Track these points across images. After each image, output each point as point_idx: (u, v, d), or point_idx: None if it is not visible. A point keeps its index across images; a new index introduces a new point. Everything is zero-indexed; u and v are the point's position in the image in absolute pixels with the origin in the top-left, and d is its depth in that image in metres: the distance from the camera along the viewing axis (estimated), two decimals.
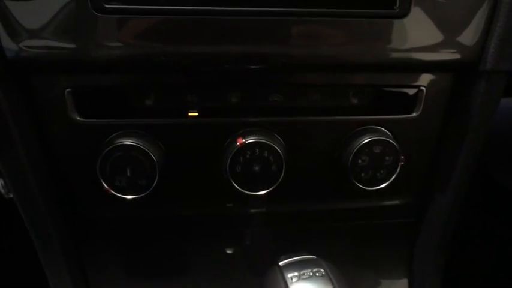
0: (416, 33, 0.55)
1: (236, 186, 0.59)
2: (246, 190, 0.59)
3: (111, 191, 0.57)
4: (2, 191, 0.63)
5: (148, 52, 0.52)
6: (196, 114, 0.59)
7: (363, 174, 0.62)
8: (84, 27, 0.50)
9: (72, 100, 0.56)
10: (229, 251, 0.75)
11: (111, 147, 0.55)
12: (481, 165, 1.15)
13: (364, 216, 0.74)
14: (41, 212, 0.61)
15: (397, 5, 0.53)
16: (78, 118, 0.57)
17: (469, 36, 0.56)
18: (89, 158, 0.57)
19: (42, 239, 0.64)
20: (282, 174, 0.59)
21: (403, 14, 0.54)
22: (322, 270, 0.51)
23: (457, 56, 0.57)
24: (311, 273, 0.50)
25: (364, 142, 0.60)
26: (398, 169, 0.62)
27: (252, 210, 0.70)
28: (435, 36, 0.55)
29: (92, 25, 0.50)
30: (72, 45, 0.51)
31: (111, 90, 0.57)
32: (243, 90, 0.59)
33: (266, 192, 0.60)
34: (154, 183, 0.57)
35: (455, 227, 0.73)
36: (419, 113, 0.63)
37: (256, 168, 0.58)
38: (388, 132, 0.63)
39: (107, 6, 0.49)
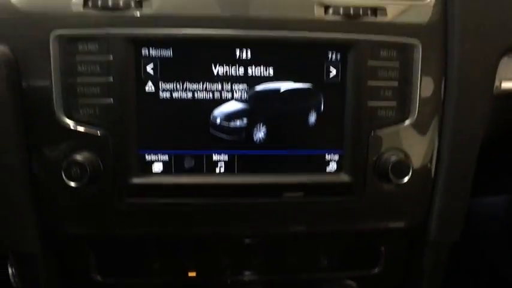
0: (370, 214, 0.64)
1: None
2: None
3: None
4: None
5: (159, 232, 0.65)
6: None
7: None
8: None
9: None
10: None
11: None
12: (486, 258, 1.15)
13: None
14: None
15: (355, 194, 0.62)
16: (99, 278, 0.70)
17: (415, 213, 0.65)
18: None
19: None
20: None
21: (359, 201, 0.62)
22: None
23: (405, 229, 0.67)
24: None
25: None
26: None
27: None
28: (385, 217, 0.65)
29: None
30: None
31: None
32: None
33: None
34: None
35: None
36: (381, 268, 0.72)
37: None
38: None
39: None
